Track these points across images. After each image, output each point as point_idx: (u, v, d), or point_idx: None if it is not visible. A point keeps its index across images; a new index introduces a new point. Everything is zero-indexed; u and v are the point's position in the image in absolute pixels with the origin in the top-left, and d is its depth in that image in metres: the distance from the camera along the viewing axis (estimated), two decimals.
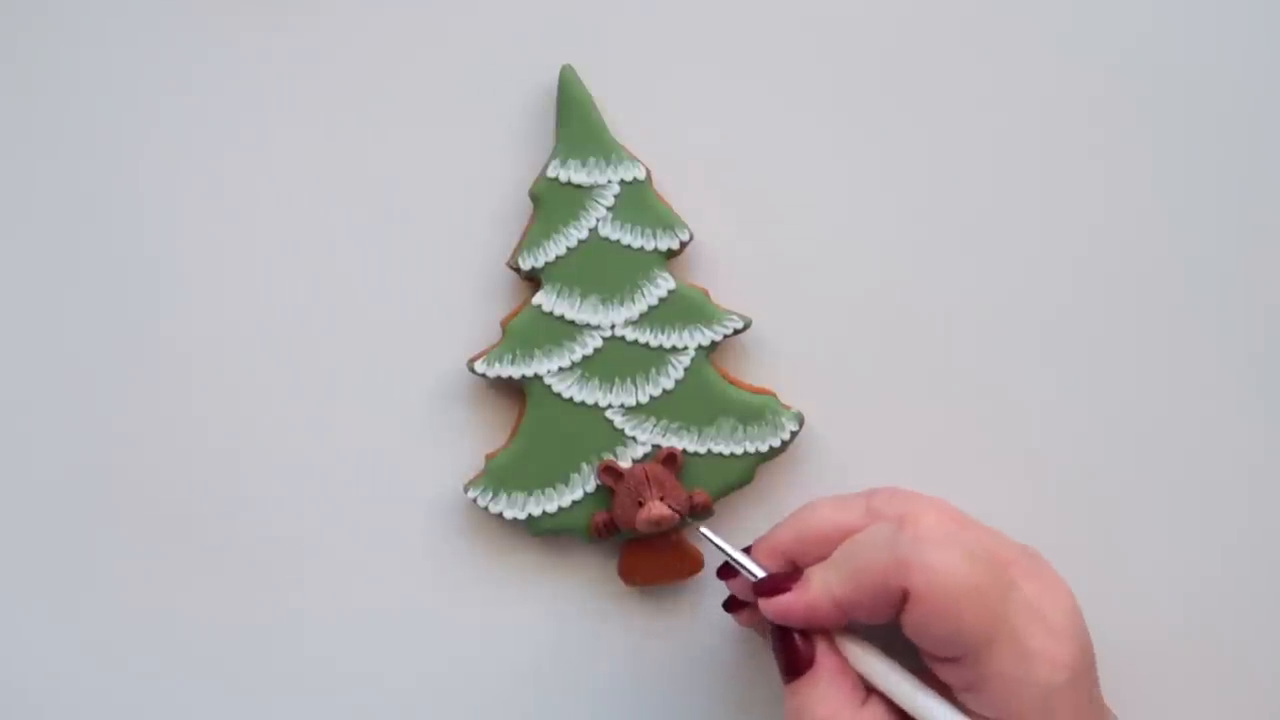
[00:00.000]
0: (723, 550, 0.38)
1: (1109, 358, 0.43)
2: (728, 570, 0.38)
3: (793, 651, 0.36)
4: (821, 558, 0.36)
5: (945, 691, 0.35)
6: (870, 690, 0.36)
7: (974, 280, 0.43)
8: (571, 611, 0.43)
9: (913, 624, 0.34)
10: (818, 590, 0.35)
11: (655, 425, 0.41)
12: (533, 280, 0.42)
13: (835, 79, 0.43)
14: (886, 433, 0.43)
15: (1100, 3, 0.43)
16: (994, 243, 0.43)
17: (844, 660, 0.36)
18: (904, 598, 0.34)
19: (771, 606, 0.36)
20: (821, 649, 0.36)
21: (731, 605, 0.39)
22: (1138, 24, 0.43)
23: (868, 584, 0.34)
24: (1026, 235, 0.43)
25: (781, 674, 0.36)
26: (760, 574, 0.37)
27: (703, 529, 0.39)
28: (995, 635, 0.33)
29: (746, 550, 0.38)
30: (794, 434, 0.42)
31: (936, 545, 0.34)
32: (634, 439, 0.41)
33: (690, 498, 0.41)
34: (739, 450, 0.42)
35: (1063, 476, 0.43)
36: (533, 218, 0.42)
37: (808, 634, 0.36)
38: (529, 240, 0.42)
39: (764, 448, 0.42)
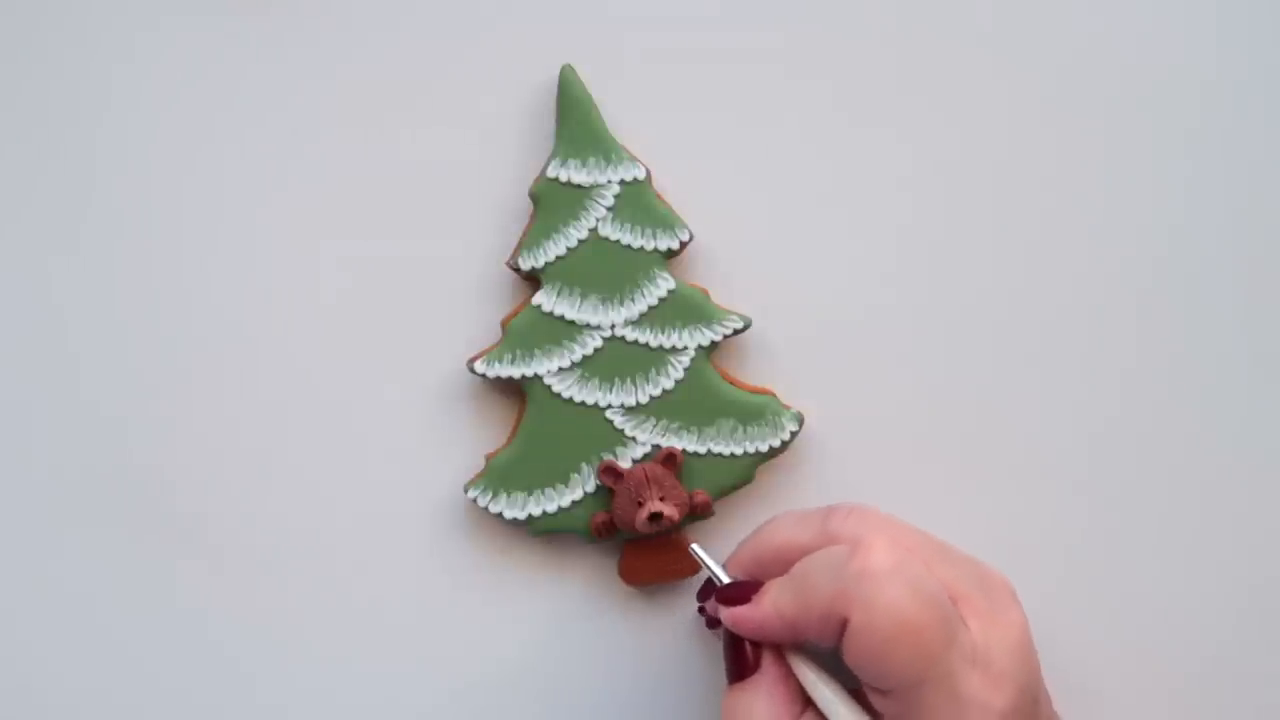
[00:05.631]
0: (706, 565, 0.39)
1: (1109, 357, 0.43)
2: (705, 592, 0.39)
3: (740, 656, 0.37)
4: (782, 573, 0.36)
5: (877, 718, 0.35)
6: (808, 703, 0.36)
7: (974, 280, 0.43)
8: (571, 611, 0.43)
9: (849, 654, 0.34)
10: (769, 608, 0.36)
11: (655, 425, 0.41)
12: (533, 280, 0.42)
13: (836, 79, 0.43)
14: (886, 433, 0.43)
15: (1096, 7, 0.43)
16: (994, 243, 0.43)
17: (787, 670, 0.37)
18: (843, 627, 0.34)
19: (728, 615, 0.37)
20: (767, 658, 0.37)
21: (710, 621, 0.40)
22: (1137, 29, 0.44)
23: (813, 609, 0.35)
24: (1027, 236, 0.43)
25: (726, 674, 0.37)
26: (726, 580, 0.38)
27: (693, 546, 0.39)
28: (928, 676, 0.33)
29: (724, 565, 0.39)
30: (794, 434, 0.42)
31: (881, 579, 0.34)
32: (634, 439, 0.41)
33: (690, 498, 0.41)
34: (739, 450, 0.42)
35: (1062, 476, 0.43)
36: (533, 218, 0.42)
37: (756, 641, 0.37)
38: (529, 240, 0.42)
39: (764, 448, 0.42)
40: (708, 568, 0.39)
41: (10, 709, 0.43)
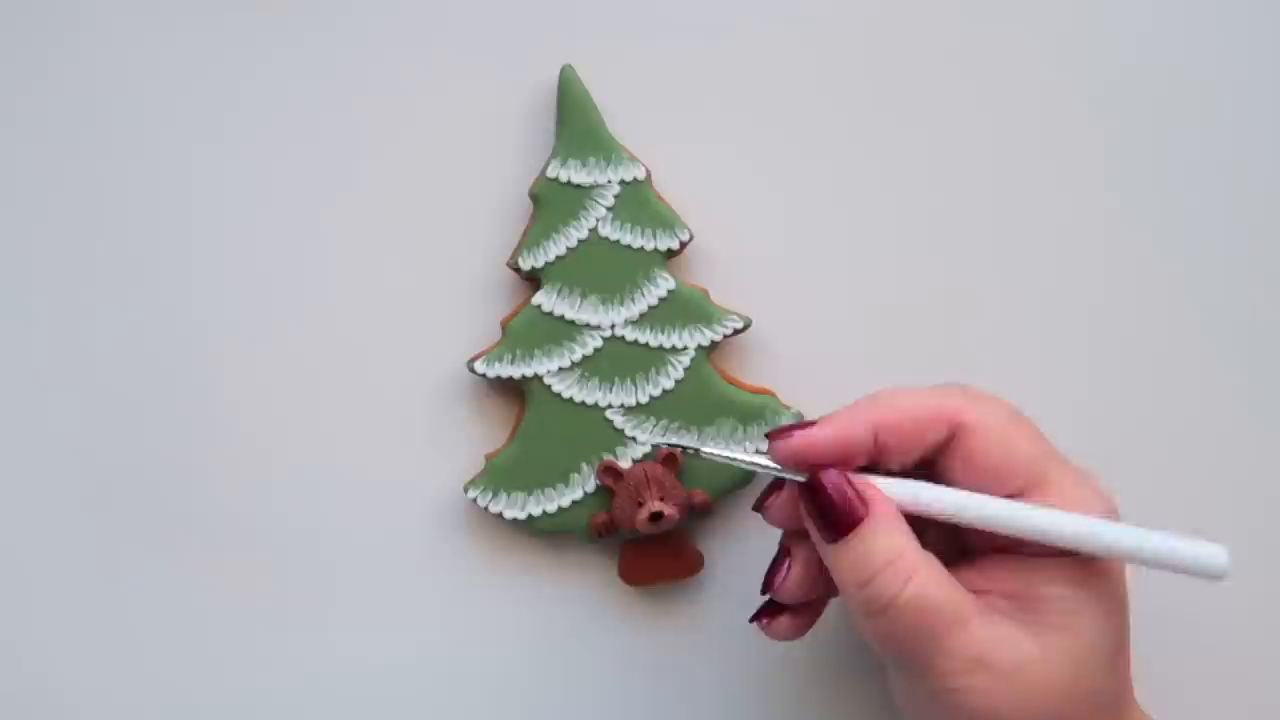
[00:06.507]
0: (729, 458, 0.35)
1: (1112, 356, 0.43)
2: (769, 495, 0.35)
3: (843, 498, 0.33)
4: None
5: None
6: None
7: (973, 280, 0.43)
8: (571, 611, 0.43)
9: (963, 456, 0.34)
10: (846, 419, 0.33)
11: (655, 425, 0.41)
12: (533, 280, 0.42)
13: (835, 79, 0.43)
14: None
15: (1098, 7, 0.43)
16: (993, 243, 0.43)
17: (893, 505, 0.33)
18: (951, 435, 0.34)
19: (795, 441, 0.33)
20: (874, 495, 0.33)
21: (768, 613, 0.37)
22: (1135, 26, 0.44)
23: (913, 413, 0.33)
24: (1026, 236, 0.43)
25: (825, 531, 0.33)
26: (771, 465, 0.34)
27: (704, 450, 0.35)
28: (1048, 466, 0.34)
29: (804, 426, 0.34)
30: None
31: (986, 395, 0.35)
32: (634, 439, 0.41)
33: (690, 498, 0.41)
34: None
35: None
36: (533, 218, 0.42)
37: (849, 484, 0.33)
38: (529, 240, 0.42)
39: (764, 448, 0.42)
40: (731, 459, 0.34)
41: (17, 703, 0.43)
